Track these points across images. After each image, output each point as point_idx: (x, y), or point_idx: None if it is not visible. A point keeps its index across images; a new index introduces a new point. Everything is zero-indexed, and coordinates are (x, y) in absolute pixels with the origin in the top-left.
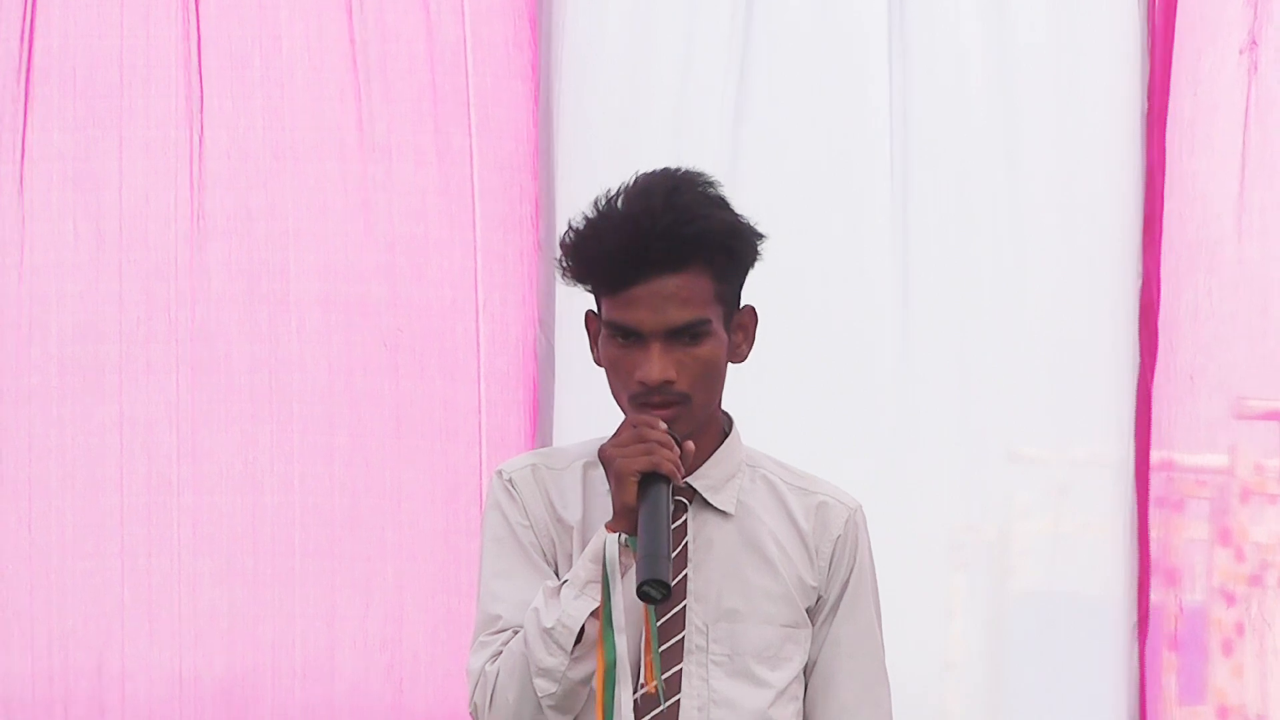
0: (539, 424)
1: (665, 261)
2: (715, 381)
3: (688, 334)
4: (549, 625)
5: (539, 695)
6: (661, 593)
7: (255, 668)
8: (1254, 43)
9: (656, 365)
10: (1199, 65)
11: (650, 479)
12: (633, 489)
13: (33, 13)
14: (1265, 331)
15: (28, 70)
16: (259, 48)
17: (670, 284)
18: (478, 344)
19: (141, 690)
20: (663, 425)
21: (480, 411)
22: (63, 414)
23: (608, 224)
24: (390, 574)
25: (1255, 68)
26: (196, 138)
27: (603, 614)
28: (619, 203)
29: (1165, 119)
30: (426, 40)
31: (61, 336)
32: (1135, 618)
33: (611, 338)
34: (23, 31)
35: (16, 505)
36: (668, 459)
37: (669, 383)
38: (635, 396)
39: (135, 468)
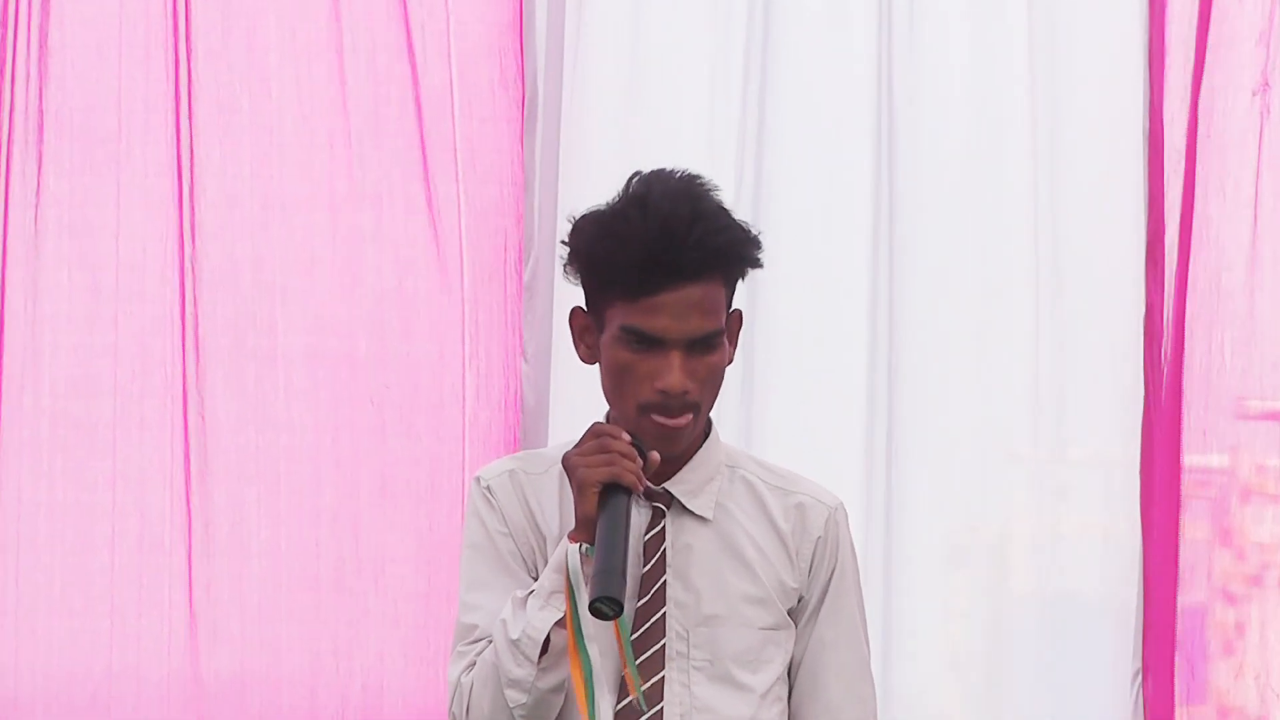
0: None
1: (693, 270)
2: (718, 388)
3: (705, 344)
4: (515, 637)
5: (510, 706)
6: (614, 609)
7: None
8: (1265, 84)
9: (679, 375)
10: (1212, 106)
11: (611, 490)
12: (593, 499)
13: (43, 60)
14: (1267, 341)
15: (39, 118)
16: (248, 92)
17: (695, 293)
18: (463, 400)
19: None
20: (626, 436)
21: (464, 470)
22: (54, 469)
23: (632, 229)
24: (373, 641)
25: (1268, 110)
26: (187, 186)
27: (571, 624)
28: (639, 209)
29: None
30: (414, 85)
31: (55, 390)
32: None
33: (625, 342)
34: (41, 81)
35: (4, 560)
36: (629, 470)
37: (686, 392)
38: (648, 405)
39: (128, 526)
